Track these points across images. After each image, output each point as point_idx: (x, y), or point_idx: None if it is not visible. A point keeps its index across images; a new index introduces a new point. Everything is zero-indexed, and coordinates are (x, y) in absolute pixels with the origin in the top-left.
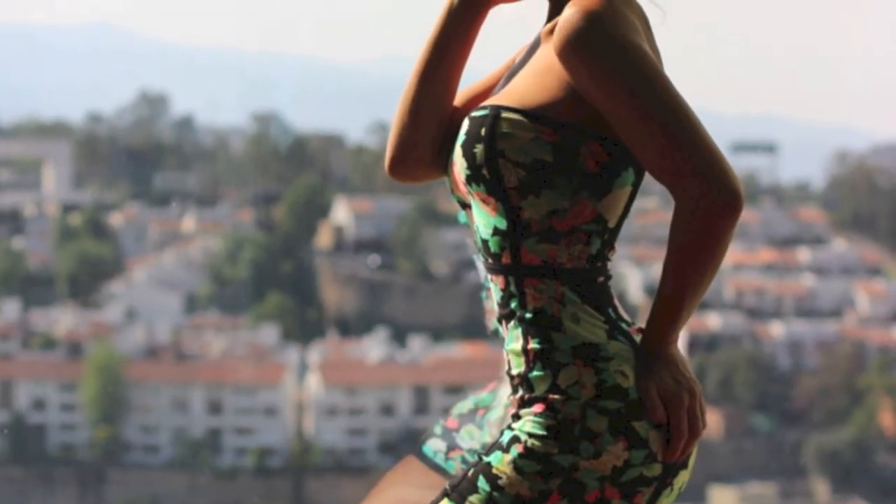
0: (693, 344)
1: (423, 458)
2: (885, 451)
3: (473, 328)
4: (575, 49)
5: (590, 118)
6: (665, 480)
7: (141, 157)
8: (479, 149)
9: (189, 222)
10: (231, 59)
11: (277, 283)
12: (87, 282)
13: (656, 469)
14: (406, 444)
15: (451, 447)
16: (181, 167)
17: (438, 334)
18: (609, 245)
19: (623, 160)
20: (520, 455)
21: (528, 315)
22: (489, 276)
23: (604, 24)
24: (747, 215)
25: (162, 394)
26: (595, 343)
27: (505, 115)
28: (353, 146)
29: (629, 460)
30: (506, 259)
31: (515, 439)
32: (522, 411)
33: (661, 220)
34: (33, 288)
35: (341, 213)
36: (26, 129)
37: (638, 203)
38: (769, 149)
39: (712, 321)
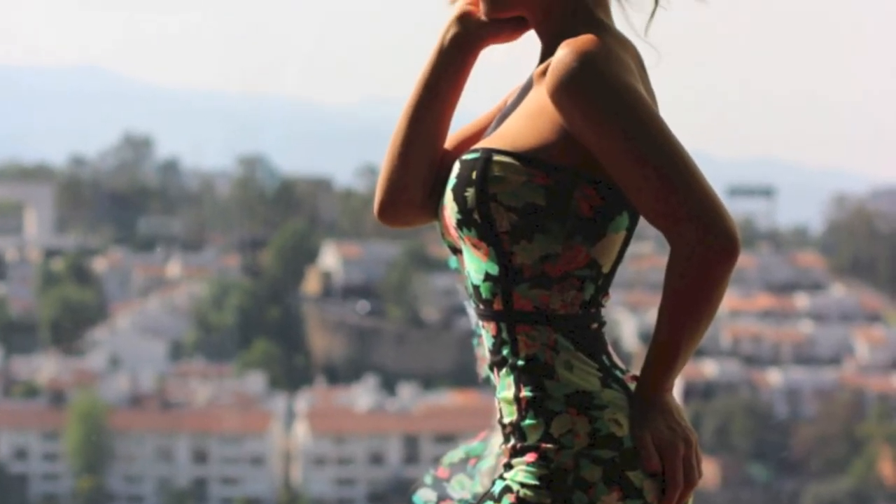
0: (689, 392)
1: None
2: (885, 501)
3: (464, 376)
4: (568, 91)
5: (583, 161)
6: None
7: (125, 200)
8: (470, 192)
9: (174, 268)
10: (217, 102)
11: (264, 330)
12: (69, 328)
13: None
14: (396, 494)
15: (442, 497)
16: (166, 211)
17: (429, 382)
18: (603, 291)
19: (617, 204)
20: None
21: (521, 362)
22: (480, 323)
23: (598, 65)
24: (744, 260)
25: (146, 443)
26: (589, 391)
27: (496, 158)
28: (342, 190)
29: None
30: (497, 305)
31: (507, 489)
32: (514, 461)
33: (656, 266)
34: (15, 335)
35: (329, 258)
36: (8, 173)
37: (632, 248)
38: (766, 193)
39: (708, 368)
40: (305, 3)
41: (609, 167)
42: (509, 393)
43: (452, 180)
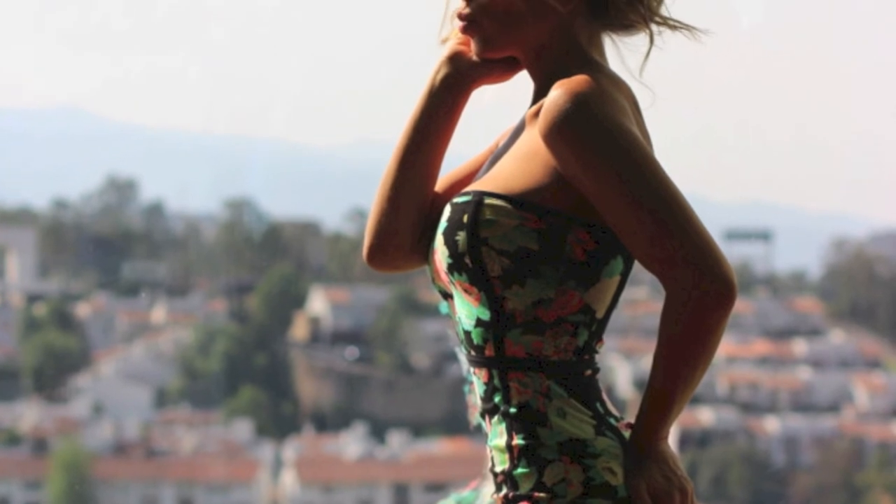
0: (684, 440)
1: None
2: None
3: (455, 423)
4: (561, 132)
5: (577, 204)
6: None
7: (108, 244)
8: (461, 236)
9: (159, 313)
10: (202, 143)
11: (251, 377)
12: (52, 375)
13: None
14: None
15: None
16: (150, 255)
17: (419, 430)
18: (597, 336)
19: (612, 248)
20: None
21: (513, 409)
22: (472, 369)
23: (591, 107)
24: (741, 306)
25: (131, 492)
26: (582, 439)
27: (488, 201)
28: (330, 234)
29: None
30: (489, 351)
31: None
32: None
33: (651, 311)
34: None
35: (317, 303)
36: None
37: (627, 293)
38: (764, 236)
39: (704, 416)
40: (294, 43)
41: (603, 210)
42: (501, 441)
43: (443, 224)
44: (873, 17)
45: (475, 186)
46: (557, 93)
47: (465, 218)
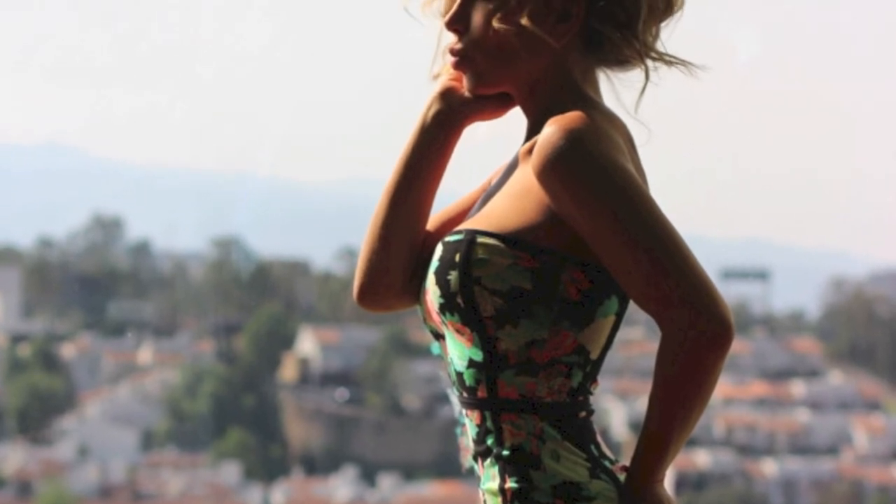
0: (681, 483)
1: None
2: None
3: (447, 466)
4: (555, 170)
5: (571, 243)
6: None
7: (94, 284)
8: (453, 276)
9: (145, 354)
10: (189, 180)
11: (239, 419)
12: (37, 417)
13: None
14: None
15: None
16: (137, 295)
17: (410, 473)
18: (591, 378)
19: (606, 288)
20: None
21: (506, 452)
22: (464, 411)
23: (586, 144)
24: (738, 346)
25: None
26: (576, 482)
27: (481, 239)
28: (320, 273)
29: None
30: (482, 392)
31: None
32: None
33: (647, 352)
34: None
35: (307, 343)
36: None
37: (622, 333)
38: (761, 276)
39: (701, 459)
40: (283, 79)
41: (598, 249)
42: (494, 484)
43: (435, 263)
44: (873, 54)
45: (467, 225)
46: (551, 129)
47: (458, 257)
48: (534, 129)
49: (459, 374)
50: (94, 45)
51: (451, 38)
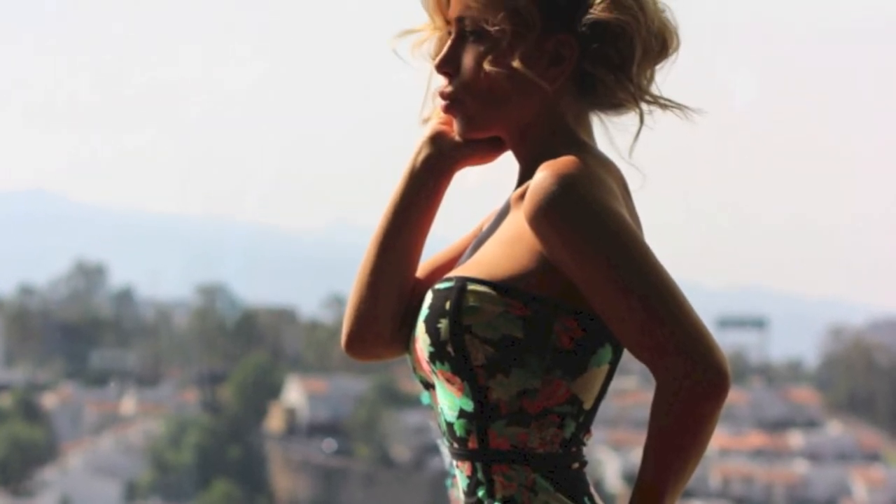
0: None
1: None
2: None
3: None
4: (547, 216)
5: (564, 291)
6: None
7: (76, 332)
8: (443, 324)
9: (128, 404)
10: (174, 226)
11: (224, 470)
12: (17, 468)
13: None
14: None
15: None
16: (120, 344)
17: None
18: (584, 428)
19: (600, 336)
20: None
21: None
22: (454, 462)
23: (579, 189)
24: (735, 396)
25: None
26: None
27: (471, 287)
28: (307, 321)
29: None
30: (472, 443)
31: None
32: None
33: (641, 402)
34: None
35: (293, 393)
36: None
37: (616, 383)
38: (758, 324)
39: None
40: (270, 123)
41: (591, 297)
42: None
43: (425, 311)
44: (872, 98)
45: (458, 272)
46: (543, 174)
47: (448, 305)
48: (526, 174)
49: (450, 425)
50: (77, 87)
51: (441, 81)
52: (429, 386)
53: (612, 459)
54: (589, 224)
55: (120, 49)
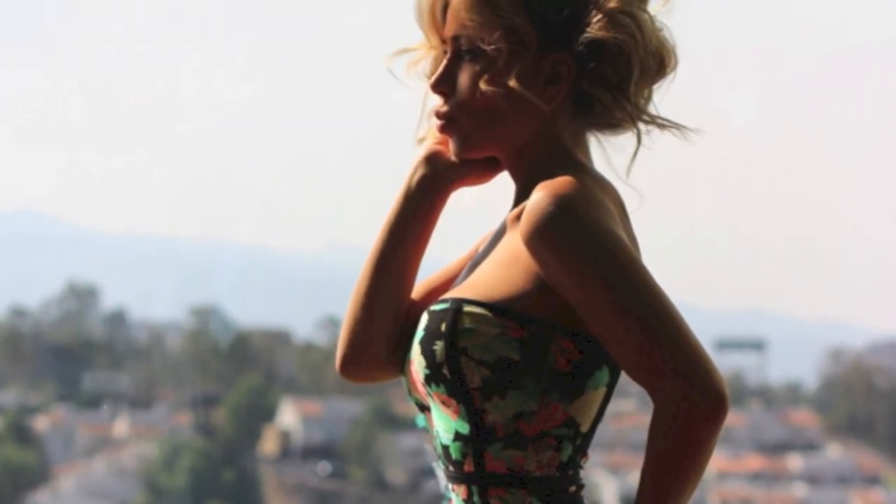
0: None
1: None
2: None
3: None
4: (544, 236)
5: (560, 312)
6: None
7: (68, 354)
8: (438, 346)
9: (121, 426)
10: (166, 248)
11: (218, 494)
12: (9, 492)
13: None
14: None
15: None
16: (113, 366)
17: None
18: (581, 451)
19: (597, 358)
20: None
21: None
22: (450, 486)
23: (576, 209)
24: (733, 418)
25: None
26: None
27: (467, 308)
28: (301, 343)
29: None
30: (468, 466)
31: None
32: None
33: (639, 424)
34: None
35: (288, 416)
36: None
37: (613, 405)
38: (757, 346)
39: None
40: (263, 142)
41: (588, 319)
42: None
43: (420, 333)
44: (871, 118)
45: (454, 293)
46: (540, 195)
47: (443, 326)
48: (522, 195)
49: (445, 448)
50: (68, 106)
51: (436, 101)
52: (424, 408)
53: (609, 482)
54: (586, 245)
55: (111, 68)
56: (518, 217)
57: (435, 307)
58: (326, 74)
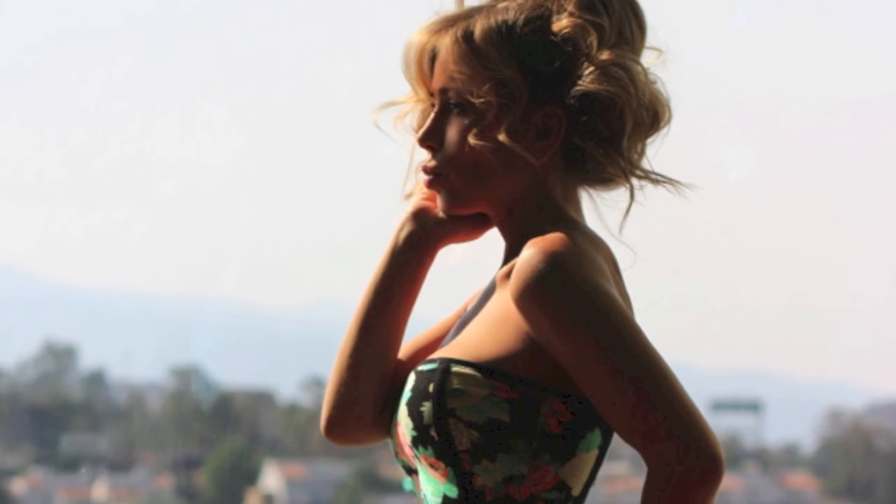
0: None
1: None
2: None
3: None
4: (535, 295)
5: (551, 373)
6: None
7: (46, 416)
8: (426, 407)
9: (100, 490)
10: (146, 305)
11: None
12: None
13: None
14: None
15: None
16: (91, 428)
17: None
18: None
19: (589, 420)
20: None
21: None
22: None
23: (567, 267)
24: (729, 482)
25: None
26: None
27: (456, 368)
28: (285, 404)
29: None
30: None
31: None
32: None
33: (631, 488)
34: None
35: (271, 479)
36: None
37: (605, 468)
38: (753, 407)
39: None
40: (246, 197)
41: (580, 380)
42: None
43: (407, 394)
44: (870, 174)
45: (442, 353)
46: (530, 252)
47: (431, 387)
48: (512, 252)
49: None
50: (45, 160)
51: (424, 155)
52: (411, 471)
53: None
54: (577, 304)
55: (90, 123)
56: (508, 275)
57: (422, 367)
58: (311, 128)
